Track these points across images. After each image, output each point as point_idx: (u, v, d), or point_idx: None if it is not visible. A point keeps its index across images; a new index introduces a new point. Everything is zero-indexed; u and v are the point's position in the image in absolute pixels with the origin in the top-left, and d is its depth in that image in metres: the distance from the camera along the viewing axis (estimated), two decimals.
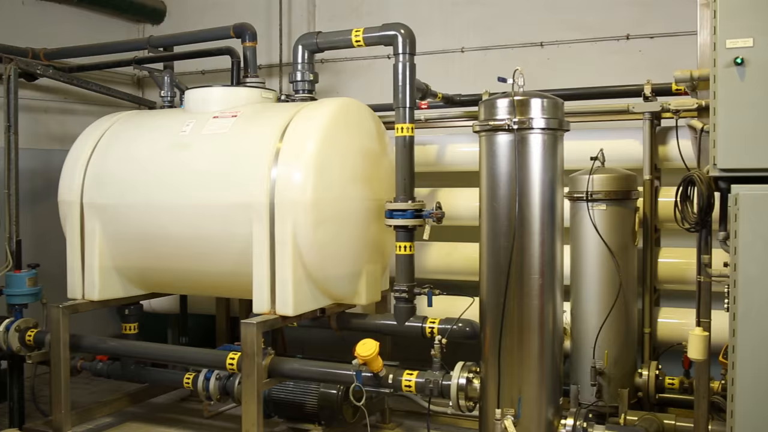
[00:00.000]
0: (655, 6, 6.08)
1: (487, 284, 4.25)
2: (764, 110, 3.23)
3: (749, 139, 3.27)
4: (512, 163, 4.08)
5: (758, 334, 3.24)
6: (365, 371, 4.48)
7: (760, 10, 3.24)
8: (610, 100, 5.39)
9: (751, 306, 3.25)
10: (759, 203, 3.22)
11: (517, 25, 6.57)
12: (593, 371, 4.49)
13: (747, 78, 3.26)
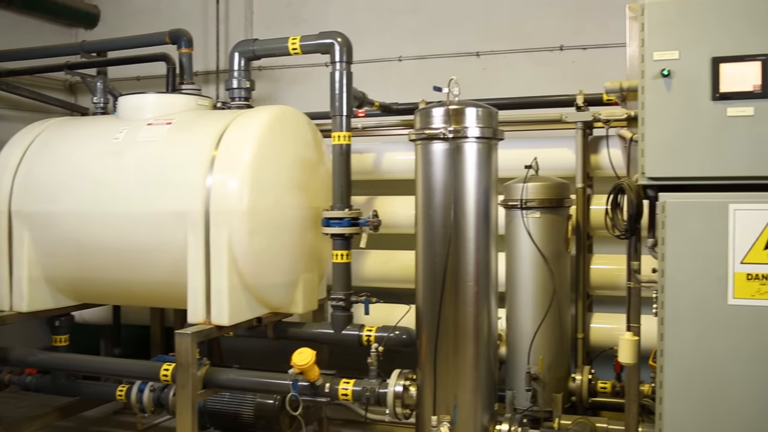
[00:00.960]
0: (588, 18, 6.21)
1: (422, 292, 4.28)
2: (689, 121, 3.32)
3: (675, 149, 3.35)
4: (447, 171, 4.12)
5: (685, 338, 3.32)
6: (302, 380, 4.46)
7: (686, 23, 3.33)
8: (544, 110, 5.48)
9: (677, 310, 3.33)
10: (685, 211, 3.31)
11: (454, 35, 6.63)
12: (528, 377, 4.55)
13: (673, 89, 3.35)
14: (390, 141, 5.98)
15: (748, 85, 3.23)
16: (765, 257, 3.19)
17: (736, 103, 3.25)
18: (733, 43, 3.26)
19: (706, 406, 3.29)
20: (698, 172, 3.34)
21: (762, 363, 3.21)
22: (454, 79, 4.19)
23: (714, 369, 3.28)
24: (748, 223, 3.21)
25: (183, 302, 4.68)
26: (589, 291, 5.31)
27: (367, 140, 6.05)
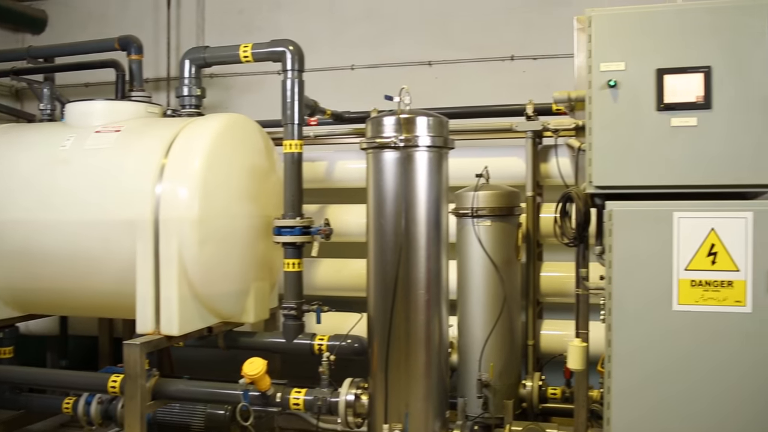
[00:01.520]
0: (538, 29, 6.29)
1: (374, 300, 4.28)
2: (635, 130, 3.38)
3: (622, 158, 3.41)
4: (398, 179, 4.14)
5: (632, 343, 3.38)
6: (253, 390, 4.43)
7: (632, 36, 3.40)
8: (495, 119, 5.53)
9: (624, 317, 3.38)
10: (631, 219, 3.37)
11: (407, 44, 6.65)
12: (479, 384, 4.58)
13: (619, 99, 3.41)
14: (342, 149, 5.98)
15: (691, 96, 3.31)
16: (708, 264, 3.26)
17: (680, 114, 3.32)
18: (676, 56, 3.34)
19: (653, 410, 3.35)
20: (644, 180, 3.40)
21: (706, 367, 3.27)
22: (405, 88, 4.21)
23: (660, 373, 3.34)
24: (691, 231, 3.28)
25: (132, 312, 4.61)
26: (539, 298, 5.37)
27: (320, 148, 6.04)
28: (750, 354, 3.20)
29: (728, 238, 3.22)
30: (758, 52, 3.23)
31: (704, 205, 3.27)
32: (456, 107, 5.68)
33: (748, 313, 3.20)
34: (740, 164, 3.26)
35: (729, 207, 3.23)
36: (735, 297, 3.22)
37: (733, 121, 3.25)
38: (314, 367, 4.64)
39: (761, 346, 3.19)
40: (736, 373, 3.23)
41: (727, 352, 3.24)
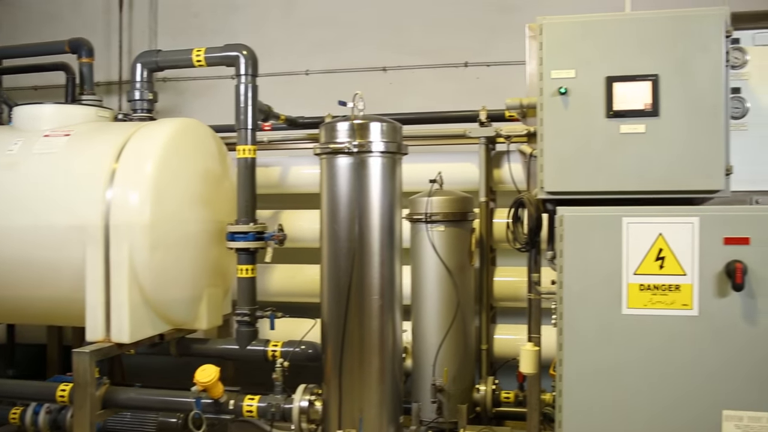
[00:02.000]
0: (492, 36, 6.34)
1: (328, 305, 4.27)
2: (585, 137, 3.42)
3: (573, 164, 3.45)
4: (352, 185, 4.14)
5: (582, 347, 3.41)
6: (205, 398, 4.38)
7: (582, 44, 3.44)
8: (449, 125, 5.57)
9: (575, 321, 3.41)
10: (581, 224, 3.40)
11: (361, 50, 6.66)
12: (433, 388, 4.60)
13: (570, 107, 3.44)
14: (297, 155, 5.96)
15: (639, 103, 3.35)
16: (656, 268, 3.31)
17: (629, 121, 3.36)
18: (625, 64, 3.38)
19: (603, 413, 3.38)
20: (594, 186, 3.43)
21: (654, 369, 3.32)
22: (359, 93, 4.22)
23: (610, 376, 3.37)
24: (640, 236, 3.32)
25: (83, 320, 4.53)
26: (492, 303, 5.41)
27: (274, 154, 6.01)
28: (697, 356, 3.26)
29: (675, 243, 3.28)
30: (704, 60, 3.29)
31: (652, 211, 3.31)
32: (410, 113, 5.71)
33: (695, 316, 3.25)
34: (687, 170, 3.32)
35: (676, 213, 3.29)
36: (682, 300, 3.28)
37: (680, 128, 3.31)
38: (268, 374, 4.61)
39: (707, 348, 3.24)
40: (683, 375, 3.28)
41: (675, 355, 3.29)
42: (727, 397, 3.23)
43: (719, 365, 3.23)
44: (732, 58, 3.61)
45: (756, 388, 3.19)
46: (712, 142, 3.29)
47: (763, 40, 3.80)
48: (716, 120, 3.28)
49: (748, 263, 3.15)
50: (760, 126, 3.78)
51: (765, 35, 3.79)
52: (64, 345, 6.26)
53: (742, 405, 3.21)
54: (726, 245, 3.20)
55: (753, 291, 3.17)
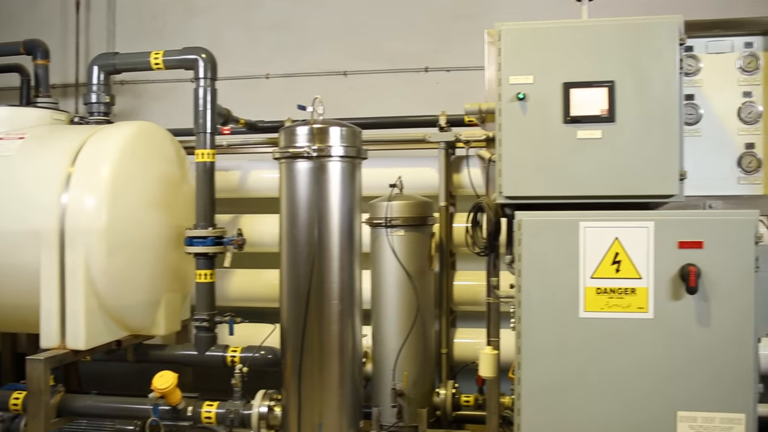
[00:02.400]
0: (452, 41, 6.38)
1: (287, 310, 4.25)
2: (543, 142, 3.45)
3: (530, 169, 3.47)
4: (312, 190, 4.13)
5: (540, 350, 3.43)
6: (163, 404, 4.33)
7: (539, 50, 3.47)
8: (409, 130, 5.58)
9: (533, 324, 3.44)
10: (539, 229, 3.43)
11: (322, 54, 6.65)
12: (393, 393, 4.60)
13: (528, 112, 3.46)
14: (256, 159, 5.93)
15: (596, 109, 3.39)
16: (612, 272, 3.34)
17: (586, 127, 3.40)
18: (582, 70, 3.42)
19: (561, 415, 3.41)
20: (552, 191, 3.46)
21: (611, 371, 3.35)
22: (318, 98, 4.22)
23: (568, 379, 3.40)
24: (597, 240, 3.35)
25: (37, 326, 4.45)
26: (452, 307, 5.43)
27: (233, 158, 5.97)
28: (652, 358, 3.30)
29: (631, 247, 3.31)
30: (658, 68, 3.34)
31: (609, 216, 3.35)
32: (371, 117, 5.71)
33: (651, 319, 3.29)
34: (642, 176, 3.36)
35: (632, 217, 3.32)
36: (638, 304, 3.32)
37: (635, 134, 3.35)
38: (227, 380, 4.57)
39: (662, 350, 3.28)
40: (639, 377, 3.32)
41: (631, 357, 3.32)
42: (682, 399, 3.27)
43: (674, 367, 3.27)
44: (686, 66, 3.69)
45: (709, 389, 3.24)
46: (666, 148, 3.34)
47: (715, 48, 3.88)
48: (670, 126, 3.32)
49: (701, 267, 3.19)
50: (712, 132, 3.85)
51: (717, 43, 3.87)
52: (18, 352, 6.14)
53: (696, 406, 3.26)
54: (680, 249, 3.24)
55: (706, 294, 3.22)
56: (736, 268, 3.20)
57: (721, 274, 3.20)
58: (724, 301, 3.20)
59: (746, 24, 3.86)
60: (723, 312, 3.21)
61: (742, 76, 3.86)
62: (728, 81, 3.86)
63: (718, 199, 3.82)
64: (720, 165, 3.86)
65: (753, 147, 3.84)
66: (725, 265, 3.20)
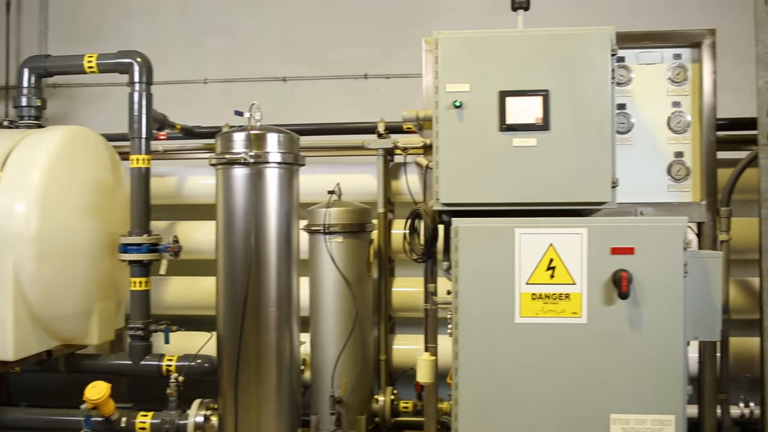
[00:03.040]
0: (391, 48, 6.41)
1: (224, 318, 4.20)
2: (479, 150, 3.47)
3: (467, 176, 3.49)
4: (249, 196, 4.10)
5: (477, 356, 3.45)
6: (95, 415, 4.24)
7: (476, 58, 3.49)
8: (348, 136, 5.58)
9: (470, 330, 3.46)
10: (476, 235, 3.45)
11: (261, 59, 6.62)
12: (332, 400, 4.58)
13: (465, 120, 3.48)
14: (194, 165, 5.85)
15: (531, 117, 3.43)
16: (547, 278, 3.38)
17: (521, 135, 3.43)
18: (518, 79, 3.45)
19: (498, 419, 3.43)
20: (488, 198, 3.48)
21: (547, 376, 3.39)
22: (255, 103, 4.19)
23: (504, 384, 3.42)
24: (532, 247, 3.39)
25: None
26: (391, 313, 5.44)
27: (170, 163, 5.88)
28: (586, 362, 3.34)
29: (565, 254, 3.36)
30: (591, 78, 3.40)
31: (543, 222, 3.39)
32: (310, 124, 5.69)
33: (584, 324, 3.34)
34: (576, 183, 3.41)
35: (566, 224, 3.37)
36: (572, 309, 3.36)
37: (569, 142, 3.40)
38: (164, 389, 4.50)
39: (596, 354, 3.33)
40: (573, 381, 3.36)
41: (566, 361, 3.37)
42: (615, 401, 3.32)
43: (607, 371, 3.32)
44: (617, 76, 3.77)
45: (641, 392, 3.30)
46: (599, 156, 3.39)
47: (646, 59, 3.98)
48: (603, 134, 3.38)
49: (633, 272, 3.25)
50: (643, 140, 3.95)
51: (648, 54, 3.97)
52: None
53: (628, 408, 3.31)
54: (612, 255, 3.29)
55: (637, 299, 3.28)
56: (666, 273, 3.27)
57: (651, 279, 3.27)
58: (654, 306, 3.27)
59: (675, 36, 3.97)
60: (654, 316, 3.27)
61: (671, 87, 3.97)
62: (658, 91, 3.97)
63: (649, 206, 3.92)
64: (650, 173, 3.97)
65: (682, 155, 3.95)
66: (656, 271, 3.27)
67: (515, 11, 3.76)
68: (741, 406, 4.83)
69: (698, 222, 4.00)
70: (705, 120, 3.93)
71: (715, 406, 4.23)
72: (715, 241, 4.06)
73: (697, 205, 3.96)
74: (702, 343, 4.15)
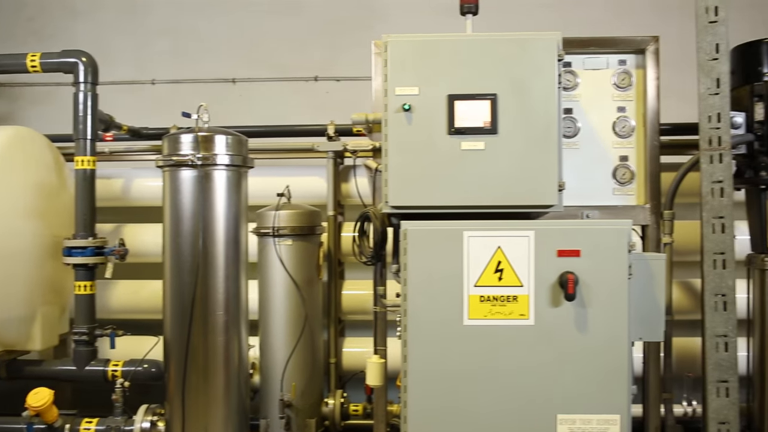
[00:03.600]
0: (342, 51, 6.41)
1: (171, 322, 4.15)
2: (428, 153, 3.49)
3: (416, 179, 3.50)
4: (196, 199, 4.05)
5: (426, 358, 3.46)
6: (38, 423, 4.16)
7: (425, 62, 3.51)
8: (298, 139, 5.55)
9: (419, 332, 3.47)
10: (425, 238, 3.47)
11: (210, 60, 6.56)
12: (281, 404, 4.55)
13: (414, 123, 3.50)
14: (141, 166, 5.76)
15: (479, 121, 3.45)
16: (495, 280, 3.41)
17: (470, 138, 3.45)
18: (466, 83, 3.47)
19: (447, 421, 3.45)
20: (437, 201, 3.50)
21: (494, 377, 3.42)
22: (203, 105, 4.15)
23: (453, 386, 3.44)
24: (480, 249, 3.42)
25: None
26: (341, 316, 5.42)
27: (116, 165, 5.79)
28: (533, 364, 3.38)
29: (513, 256, 3.39)
30: (539, 82, 3.44)
31: (491, 225, 3.42)
32: (259, 126, 5.65)
33: (531, 326, 3.38)
34: (523, 186, 3.45)
35: (513, 227, 3.40)
36: (519, 311, 3.40)
37: (517, 145, 3.43)
38: (109, 395, 4.43)
39: (543, 356, 3.37)
40: (521, 383, 3.39)
41: (514, 363, 3.40)
42: (561, 402, 3.36)
43: (554, 372, 3.36)
44: (564, 80, 3.83)
45: (587, 392, 3.35)
46: (546, 160, 3.43)
47: (592, 65, 4.05)
48: (550, 138, 3.42)
49: (579, 274, 3.29)
50: (590, 144, 4.02)
51: (594, 59, 4.04)
52: None
53: (574, 409, 3.36)
54: (559, 257, 3.34)
55: (583, 300, 3.32)
56: (611, 275, 3.32)
57: (597, 281, 3.32)
58: (600, 307, 3.32)
59: (620, 42, 4.04)
60: (599, 317, 3.32)
61: (616, 92, 4.05)
62: (604, 96, 4.04)
63: (594, 209, 3.98)
64: (596, 176, 4.04)
65: (627, 159, 4.03)
66: (601, 273, 3.32)
67: (464, 15, 3.78)
68: (684, 405, 4.93)
69: (642, 225, 4.08)
70: (649, 125, 4.01)
71: (659, 405, 4.32)
72: (658, 244, 4.15)
73: (642, 208, 4.04)
74: (646, 344, 4.23)
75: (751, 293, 4.51)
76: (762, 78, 4.26)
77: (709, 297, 3.94)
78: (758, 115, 4.21)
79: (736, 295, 3.94)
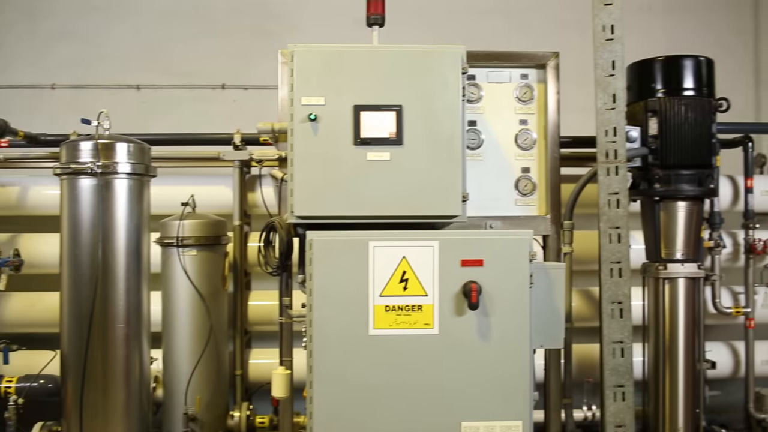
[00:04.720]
0: (250, 59, 6.36)
1: (68, 335, 4.02)
2: (334, 163, 3.49)
3: (322, 189, 3.50)
4: (96, 208, 3.95)
5: (332, 368, 3.45)
6: None
7: (331, 73, 3.51)
8: (204, 147, 5.46)
9: (325, 343, 3.46)
10: (330, 248, 3.46)
11: (113, 66, 6.39)
12: (185, 417, 4.46)
13: (319, 133, 3.49)
14: (38, 174, 5.56)
15: (385, 132, 3.48)
16: (400, 290, 3.44)
17: (375, 149, 3.47)
18: (372, 94, 3.49)
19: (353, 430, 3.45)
20: (343, 211, 3.50)
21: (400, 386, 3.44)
22: (104, 111, 4.05)
23: (358, 395, 3.44)
24: (385, 259, 3.44)
25: None
26: (247, 327, 5.35)
27: (12, 173, 5.57)
28: (438, 372, 3.41)
29: (418, 266, 3.42)
30: (443, 94, 3.48)
31: (396, 235, 3.44)
32: (164, 134, 5.53)
33: (436, 335, 3.41)
34: (428, 197, 3.48)
35: (418, 237, 3.44)
36: (424, 320, 3.43)
37: (421, 156, 3.47)
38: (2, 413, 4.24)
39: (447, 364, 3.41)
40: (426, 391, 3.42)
41: (419, 372, 3.42)
42: (465, 410, 3.41)
43: (458, 380, 3.41)
44: (468, 93, 3.89)
45: (490, 400, 3.41)
46: (450, 171, 3.48)
47: (495, 78, 4.14)
48: (454, 150, 3.47)
49: (482, 284, 3.35)
50: (493, 156, 4.10)
51: (497, 73, 4.13)
52: None
53: (478, 416, 3.41)
54: (463, 267, 3.38)
55: (487, 309, 3.38)
56: (513, 284, 3.39)
57: (499, 290, 3.38)
58: (502, 316, 3.38)
59: (522, 57, 4.15)
60: (502, 326, 3.38)
61: (518, 105, 4.15)
62: (507, 109, 4.14)
63: (497, 220, 4.06)
64: (499, 187, 4.12)
65: (529, 171, 4.13)
66: (503, 282, 3.38)
67: (370, 27, 3.81)
68: (584, 410, 5.09)
69: (543, 235, 4.19)
70: (549, 137, 4.12)
71: (560, 410, 4.42)
72: (559, 253, 4.26)
73: (543, 218, 4.14)
74: (547, 351, 4.33)
75: (645, 300, 4.69)
76: (655, 94, 4.46)
77: (606, 304, 4.07)
78: (652, 129, 4.39)
79: (631, 302, 4.10)
